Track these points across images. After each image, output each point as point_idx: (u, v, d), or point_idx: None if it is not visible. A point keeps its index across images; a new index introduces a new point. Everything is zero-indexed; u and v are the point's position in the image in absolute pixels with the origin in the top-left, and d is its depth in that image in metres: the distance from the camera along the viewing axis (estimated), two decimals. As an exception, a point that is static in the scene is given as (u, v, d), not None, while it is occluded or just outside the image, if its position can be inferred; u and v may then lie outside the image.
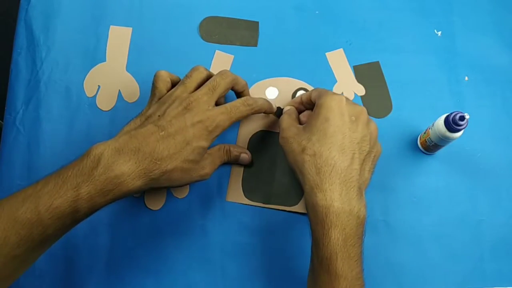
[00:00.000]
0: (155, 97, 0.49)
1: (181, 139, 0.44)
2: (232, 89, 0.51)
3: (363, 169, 0.45)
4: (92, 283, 0.51)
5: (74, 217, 0.41)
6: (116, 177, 0.41)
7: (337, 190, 0.42)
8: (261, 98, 0.52)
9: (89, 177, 0.40)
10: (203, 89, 0.48)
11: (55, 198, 0.39)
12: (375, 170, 0.52)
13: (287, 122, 0.50)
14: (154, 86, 0.49)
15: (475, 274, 0.52)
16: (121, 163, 0.41)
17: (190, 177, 0.47)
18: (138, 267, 0.52)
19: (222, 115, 0.46)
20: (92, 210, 0.41)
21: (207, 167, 0.48)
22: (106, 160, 0.41)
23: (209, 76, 0.50)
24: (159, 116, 0.45)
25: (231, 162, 0.54)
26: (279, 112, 0.56)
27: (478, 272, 0.52)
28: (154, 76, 0.49)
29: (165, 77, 0.49)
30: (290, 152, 0.47)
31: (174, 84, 0.51)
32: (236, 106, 0.48)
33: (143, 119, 0.46)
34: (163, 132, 0.44)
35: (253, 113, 0.50)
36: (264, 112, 0.53)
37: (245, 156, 0.54)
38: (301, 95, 0.53)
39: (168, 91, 0.49)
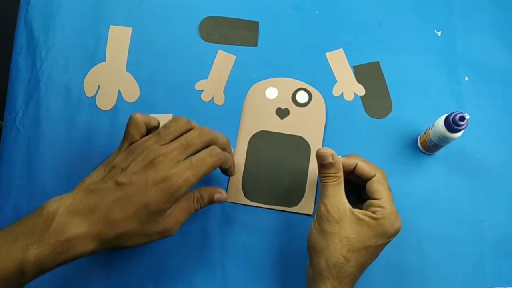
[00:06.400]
0: (126, 142, 0.46)
1: (139, 200, 0.41)
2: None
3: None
4: (92, 283, 0.51)
5: (19, 279, 0.38)
6: (67, 241, 0.39)
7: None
8: (225, 152, 0.48)
9: (39, 239, 0.38)
10: (175, 143, 0.44)
11: (1, 261, 0.37)
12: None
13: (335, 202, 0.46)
14: (126, 131, 0.46)
15: (475, 274, 0.52)
16: (74, 225, 0.39)
17: (149, 238, 0.43)
18: (138, 267, 0.52)
19: (188, 171, 0.42)
20: (40, 273, 0.39)
21: (169, 223, 0.44)
22: (59, 220, 0.39)
23: (190, 129, 0.46)
24: (122, 169, 0.42)
25: (207, 206, 0.48)
26: (282, 112, 0.56)
27: (478, 272, 0.52)
28: (129, 119, 0.46)
29: (139, 122, 0.45)
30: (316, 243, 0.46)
31: (150, 130, 0.47)
32: (202, 158, 0.44)
33: (107, 170, 0.44)
34: (121, 192, 0.41)
35: (220, 165, 0.46)
36: (228, 168, 0.49)
37: (220, 196, 0.48)
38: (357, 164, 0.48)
39: (142, 137, 0.46)
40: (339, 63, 0.58)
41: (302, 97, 0.57)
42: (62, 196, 0.41)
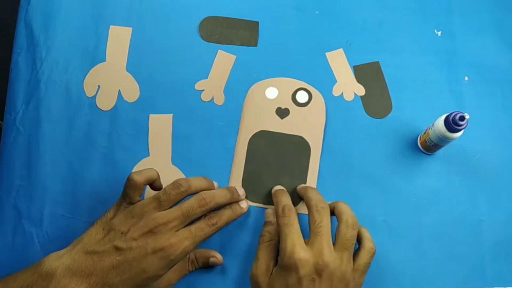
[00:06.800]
0: (125, 202, 0.46)
1: (137, 266, 0.42)
2: None
3: None
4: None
5: None
6: None
7: None
8: (227, 209, 0.49)
9: None
10: (176, 211, 0.45)
11: None
12: (377, 170, 0.52)
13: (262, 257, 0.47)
14: (125, 192, 0.46)
15: (475, 274, 0.52)
16: (72, 287, 0.41)
17: None
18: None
19: (186, 241, 0.44)
20: None
21: (162, 283, 0.47)
22: (58, 282, 0.40)
23: (190, 194, 0.47)
24: (121, 233, 0.43)
25: (201, 268, 0.51)
26: (282, 112, 0.56)
27: (478, 272, 0.52)
28: (127, 181, 0.46)
29: (138, 185, 0.45)
30: None
31: (153, 182, 0.48)
32: (201, 228, 0.45)
33: (106, 230, 0.44)
34: (120, 257, 0.42)
35: (219, 230, 0.47)
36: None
37: (215, 260, 0.50)
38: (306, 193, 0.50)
39: (140, 195, 0.46)
40: (339, 63, 0.58)
41: (302, 97, 0.57)
42: (61, 255, 0.43)
